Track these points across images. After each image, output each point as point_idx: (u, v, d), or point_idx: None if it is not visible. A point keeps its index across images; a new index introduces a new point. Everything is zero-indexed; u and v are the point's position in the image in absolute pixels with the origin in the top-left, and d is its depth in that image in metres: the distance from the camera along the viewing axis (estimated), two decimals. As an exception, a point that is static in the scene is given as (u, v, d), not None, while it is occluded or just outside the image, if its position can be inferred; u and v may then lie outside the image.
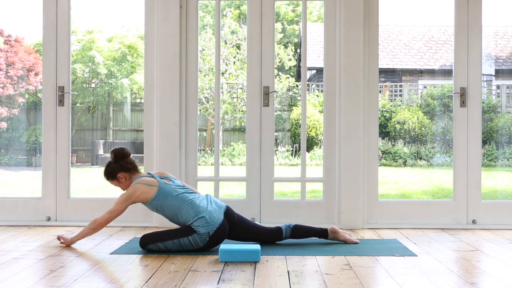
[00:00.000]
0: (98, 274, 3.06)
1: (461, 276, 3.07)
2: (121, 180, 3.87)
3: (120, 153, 3.89)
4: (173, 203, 3.69)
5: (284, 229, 3.91)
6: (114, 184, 3.95)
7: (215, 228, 3.65)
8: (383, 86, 10.98)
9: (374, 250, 3.72)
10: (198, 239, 3.64)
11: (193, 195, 3.77)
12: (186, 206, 3.68)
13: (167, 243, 3.66)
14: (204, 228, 3.64)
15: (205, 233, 3.64)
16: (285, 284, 2.88)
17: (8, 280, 2.93)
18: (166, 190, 3.72)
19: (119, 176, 3.86)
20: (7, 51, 9.26)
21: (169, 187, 3.75)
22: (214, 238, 3.65)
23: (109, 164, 3.93)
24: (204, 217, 3.64)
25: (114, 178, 3.89)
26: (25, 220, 4.71)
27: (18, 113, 9.49)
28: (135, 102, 10.33)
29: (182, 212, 3.67)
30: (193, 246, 3.65)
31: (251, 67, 4.75)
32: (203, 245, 3.65)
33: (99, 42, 10.10)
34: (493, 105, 10.23)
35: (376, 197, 4.71)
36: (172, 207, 3.69)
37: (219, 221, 3.68)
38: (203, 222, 3.64)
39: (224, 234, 3.72)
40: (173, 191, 3.73)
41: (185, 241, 3.65)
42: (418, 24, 11.91)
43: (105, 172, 3.93)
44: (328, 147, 4.73)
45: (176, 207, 3.69)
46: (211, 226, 3.64)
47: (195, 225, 3.65)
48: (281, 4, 14.05)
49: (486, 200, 4.78)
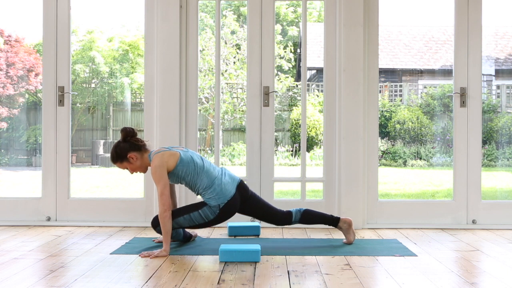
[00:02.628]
0: (98, 274, 3.06)
1: (461, 276, 3.07)
2: (132, 160, 3.71)
3: (130, 132, 3.73)
4: (193, 169, 3.69)
5: (294, 213, 3.91)
6: (123, 167, 3.76)
7: (226, 200, 3.66)
8: (383, 86, 10.98)
9: (374, 250, 3.72)
10: (208, 212, 3.65)
11: (210, 165, 3.77)
12: (202, 174, 3.69)
13: (179, 220, 3.68)
14: (215, 201, 3.65)
15: (216, 206, 3.65)
16: (285, 284, 2.88)
17: (8, 280, 2.93)
18: (187, 156, 3.71)
19: (129, 156, 3.70)
20: (7, 51, 9.26)
21: (188, 153, 3.74)
22: (224, 211, 3.66)
23: (117, 144, 3.73)
24: (216, 188, 3.66)
25: (124, 159, 3.71)
26: (25, 220, 4.71)
27: (18, 113, 9.49)
28: (135, 102, 10.33)
29: (198, 180, 3.68)
30: (203, 219, 3.66)
31: (251, 67, 4.75)
32: (214, 218, 3.66)
33: (99, 42, 10.10)
34: (493, 105, 10.24)
35: (376, 197, 4.71)
36: (192, 174, 3.69)
37: (230, 194, 3.69)
38: (214, 194, 3.65)
39: (235, 208, 3.72)
40: (193, 158, 3.72)
41: (195, 215, 3.66)
42: (418, 24, 11.92)
43: (114, 153, 3.73)
44: (328, 147, 4.74)
45: (195, 174, 3.69)
46: (222, 198, 3.66)
47: (206, 196, 3.67)
48: (280, 4, 14.05)
49: (486, 200, 4.78)
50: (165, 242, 3.57)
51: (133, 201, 4.78)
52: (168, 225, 3.58)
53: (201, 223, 3.69)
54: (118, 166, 3.77)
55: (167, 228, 3.58)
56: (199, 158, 3.79)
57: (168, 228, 3.58)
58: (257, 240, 4.08)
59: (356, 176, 4.58)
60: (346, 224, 3.94)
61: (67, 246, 3.83)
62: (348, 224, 3.94)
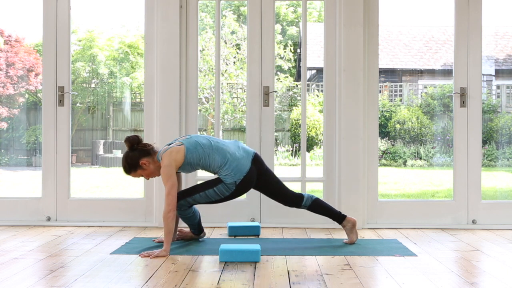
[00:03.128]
0: (98, 274, 3.06)
1: (461, 276, 3.07)
2: (145, 166, 3.71)
3: (135, 139, 3.72)
4: (203, 152, 3.68)
5: (305, 198, 3.91)
6: (137, 176, 3.76)
7: (242, 176, 3.67)
8: (383, 86, 10.98)
9: (374, 250, 3.72)
10: (223, 189, 3.67)
11: (219, 142, 3.76)
12: (213, 153, 3.69)
13: (195, 197, 3.71)
14: (231, 177, 3.66)
15: (232, 183, 3.67)
16: (285, 284, 2.88)
17: (8, 280, 2.93)
18: (191, 142, 3.71)
19: (142, 163, 3.70)
20: (7, 51, 9.26)
21: (192, 139, 3.74)
22: (240, 186, 3.68)
23: (126, 155, 3.72)
24: (231, 165, 3.67)
25: (137, 167, 3.71)
26: (25, 220, 4.71)
27: (18, 113, 9.49)
28: (135, 102, 10.33)
29: (211, 160, 3.68)
30: (219, 196, 3.68)
31: (251, 67, 4.75)
32: (230, 194, 3.69)
33: (100, 41, 10.10)
34: (493, 105, 10.23)
35: (376, 197, 4.71)
36: (203, 157, 3.68)
37: (246, 169, 3.69)
38: (229, 171, 3.66)
39: (251, 182, 3.73)
40: (198, 142, 3.72)
41: (211, 192, 3.68)
42: (418, 24, 11.92)
43: (126, 164, 3.71)
44: (328, 147, 4.74)
45: (206, 156, 3.69)
46: (238, 174, 3.67)
47: (222, 174, 3.68)
48: (280, 4, 14.05)
49: (486, 200, 4.78)
50: (166, 242, 3.56)
51: (133, 201, 4.78)
52: (170, 225, 3.58)
53: (217, 199, 3.73)
54: (133, 175, 3.77)
55: (169, 228, 3.57)
56: (205, 139, 3.77)
57: (170, 228, 3.57)
58: (257, 240, 4.08)
59: (356, 176, 4.58)
60: (350, 224, 3.93)
61: (67, 246, 3.84)
62: (352, 224, 3.93)
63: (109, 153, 9.94)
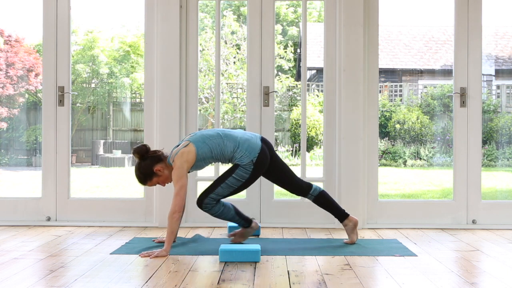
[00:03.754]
0: (98, 274, 3.06)
1: (461, 276, 3.07)
2: (160, 172, 3.70)
3: (143, 149, 3.71)
4: (213, 143, 3.69)
5: (314, 187, 3.93)
6: (153, 184, 3.76)
7: (257, 154, 3.69)
8: (383, 86, 10.98)
9: (374, 250, 3.72)
10: (242, 172, 3.68)
11: (225, 130, 3.80)
12: (224, 140, 3.71)
13: (217, 191, 3.69)
14: (247, 157, 3.68)
15: (249, 162, 3.68)
16: (285, 284, 2.88)
17: (8, 280, 2.93)
18: (198, 137, 3.71)
19: (156, 170, 3.69)
20: (7, 51, 9.26)
21: (197, 135, 3.75)
22: (257, 165, 3.69)
23: (138, 166, 3.72)
24: (243, 145, 3.69)
25: (152, 176, 3.70)
26: (25, 220, 4.71)
27: (18, 113, 9.50)
28: (135, 102, 10.33)
29: (224, 148, 3.70)
30: (240, 181, 3.68)
31: (251, 67, 4.75)
32: (249, 176, 3.68)
33: (100, 41, 10.11)
34: (493, 105, 10.23)
35: (376, 197, 4.71)
36: (215, 147, 3.69)
37: (258, 146, 3.72)
38: (243, 151, 3.68)
39: (266, 158, 3.75)
40: (204, 135, 3.73)
41: (231, 180, 3.68)
42: (418, 24, 11.92)
43: (140, 175, 3.71)
44: (328, 147, 4.74)
45: (217, 146, 3.70)
46: (252, 152, 3.69)
47: (237, 156, 3.69)
48: (281, 4, 14.06)
49: (486, 200, 4.78)
50: (167, 242, 3.56)
51: (133, 201, 4.78)
52: (174, 226, 3.57)
53: (239, 185, 3.70)
54: (149, 185, 3.77)
55: (172, 229, 3.57)
56: (210, 131, 3.79)
57: (173, 228, 3.57)
58: (257, 240, 4.08)
59: (356, 176, 4.58)
60: (352, 224, 3.93)
61: (67, 246, 3.84)
62: (354, 224, 3.93)
63: (109, 153, 9.94)
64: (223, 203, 3.80)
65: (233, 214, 3.83)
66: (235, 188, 3.72)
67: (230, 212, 3.81)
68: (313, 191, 3.92)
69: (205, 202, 3.71)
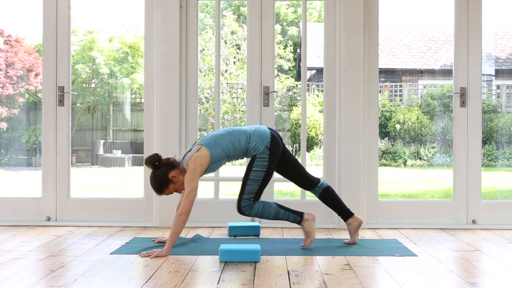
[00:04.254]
0: (98, 274, 3.06)
1: (461, 276, 3.07)
2: (175, 179, 3.70)
3: (155, 158, 3.72)
4: (226, 142, 3.72)
5: (321, 182, 3.95)
6: (170, 192, 3.76)
7: (269, 139, 3.73)
8: (383, 86, 10.98)
9: (374, 250, 3.72)
10: (260, 161, 3.69)
11: (233, 127, 3.84)
12: (236, 136, 3.74)
13: (247, 190, 3.69)
14: (261, 144, 3.70)
15: (264, 149, 3.70)
16: (285, 284, 2.88)
17: (8, 280, 2.93)
18: (209, 139, 3.73)
19: (171, 177, 3.69)
20: (7, 51, 9.26)
21: (207, 137, 3.76)
22: (272, 149, 3.71)
23: (153, 175, 3.72)
24: (254, 134, 3.73)
25: (168, 183, 3.70)
26: (25, 220, 4.71)
27: (18, 113, 9.50)
28: (135, 102, 10.33)
29: (237, 143, 3.72)
30: (262, 171, 3.68)
31: (251, 67, 4.75)
32: (268, 163, 3.69)
33: (100, 42, 10.10)
34: (493, 105, 10.23)
35: (376, 197, 4.71)
36: (228, 146, 3.71)
37: (268, 132, 3.76)
38: (256, 139, 3.71)
39: (278, 143, 3.77)
40: (216, 135, 3.75)
41: (253, 174, 3.69)
42: (418, 24, 11.92)
43: (156, 183, 3.71)
44: (328, 147, 4.74)
45: (230, 143, 3.72)
46: (265, 138, 3.72)
47: (251, 146, 3.71)
48: (281, 4, 14.06)
49: (486, 200, 4.78)
50: (169, 242, 3.56)
51: (133, 201, 4.78)
52: (179, 228, 3.57)
53: (263, 176, 3.69)
54: (166, 193, 3.77)
55: (176, 230, 3.56)
56: (219, 131, 3.82)
57: (177, 230, 3.57)
58: (257, 240, 4.08)
59: (356, 176, 4.58)
60: (356, 223, 3.92)
61: (67, 246, 3.84)
62: (358, 224, 3.93)
63: (109, 153, 9.94)
64: (263, 201, 3.78)
65: (277, 209, 3.75)
66: (261, 180, 3.71)
67: (273, 207, 3.75)
68: (321, 184, 3.95)
69: (242, 206, 3.70)
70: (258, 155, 3.71)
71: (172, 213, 4.59)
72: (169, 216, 4.57)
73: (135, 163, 9.77)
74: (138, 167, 9.55)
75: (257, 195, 3.73)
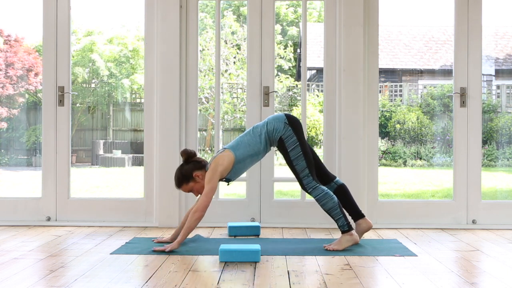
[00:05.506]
0: (98, 274, 3.06)
1: (461, 276, 3.07)
2: (198, 179, 3.75)
3: (192, 153, 3.80)
4: (247, 137, 3.78)
5: (337, 179, 3.99)
6: (188, 189, 3.80)
7: (285, 116, 3.78)
8: (383, 86, 10.98)
9: (374, 250, 3.72)
10: (289, 140, 3.73)
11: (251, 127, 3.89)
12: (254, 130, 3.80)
13: (298, 169, 3.74)
14: (279, 123, 3.76)
15: (284, 126, 3.75)
16: (285, 284, 2.88)
17: (8, 280, 2.93)
18: (231, 143, 3.79)
19: (195, 175, 3.74)
20: (6, 51, 9.26)
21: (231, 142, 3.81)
22: (292, 122, 3.76)
23: (181, 167, 3.79)
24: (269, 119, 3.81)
25: (189, 179, 3.75)
26: (25, 220, 4.71)
27: (18, 113, 9.49)
28: (135, 102, 10.33)
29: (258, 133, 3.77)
30: (297, 146, 3.73)
31: (251, 67, 4.75)
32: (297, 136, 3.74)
33: (100, 42, 10.10)
34: (493, 105, 10.23)
35: (376, 197, 4.71)
36: (250, 143, 3.76)
37: (282, 114, 3.82)
38: (272, 121, 3.77)
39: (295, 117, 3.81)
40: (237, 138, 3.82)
41: (292, 154, 3.73)
42: (418, 24, 11.91)
43: (180, 175, 3.77)
44: (328, 147, 4.74)
45: (252, 140, 3.77)
46: (280, 118, 3.78)
47: (270, 129, 3.77)
48: (280, 4, 14.05)
49: (486, 200, 4.78)
50: (181, 235, 3.64)
51: (133, 201, 4.79)
52: (193, 224, 3.63)
53: (301, 149, 3.73)
54: (184, 189, 3.81)
55: (190, 225, 3.62)
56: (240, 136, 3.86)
57: (191, 225, 3.62)
58: (257, 240, 4.08)
59: (356, 176, 4.58)
60: (366, 225, 3.94)
61: (67, 246, 3.84)
62: (367, 227, 3.94)
63: (109, 153, 9.94)
64: (329, 190, 3.78)
65: (336, 205, 3.73)
66: (302, 154, 3.73)
67: (333, 201, 3.73)
68: (337, 181, 3.98)
69: (305, 184, 3.74)
70: (283, 136, 3.74)
71: (172, 213, 4.60)
72: (169, 216, 4.58)
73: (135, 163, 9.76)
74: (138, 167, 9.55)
75: (311, 170, 3.76)
